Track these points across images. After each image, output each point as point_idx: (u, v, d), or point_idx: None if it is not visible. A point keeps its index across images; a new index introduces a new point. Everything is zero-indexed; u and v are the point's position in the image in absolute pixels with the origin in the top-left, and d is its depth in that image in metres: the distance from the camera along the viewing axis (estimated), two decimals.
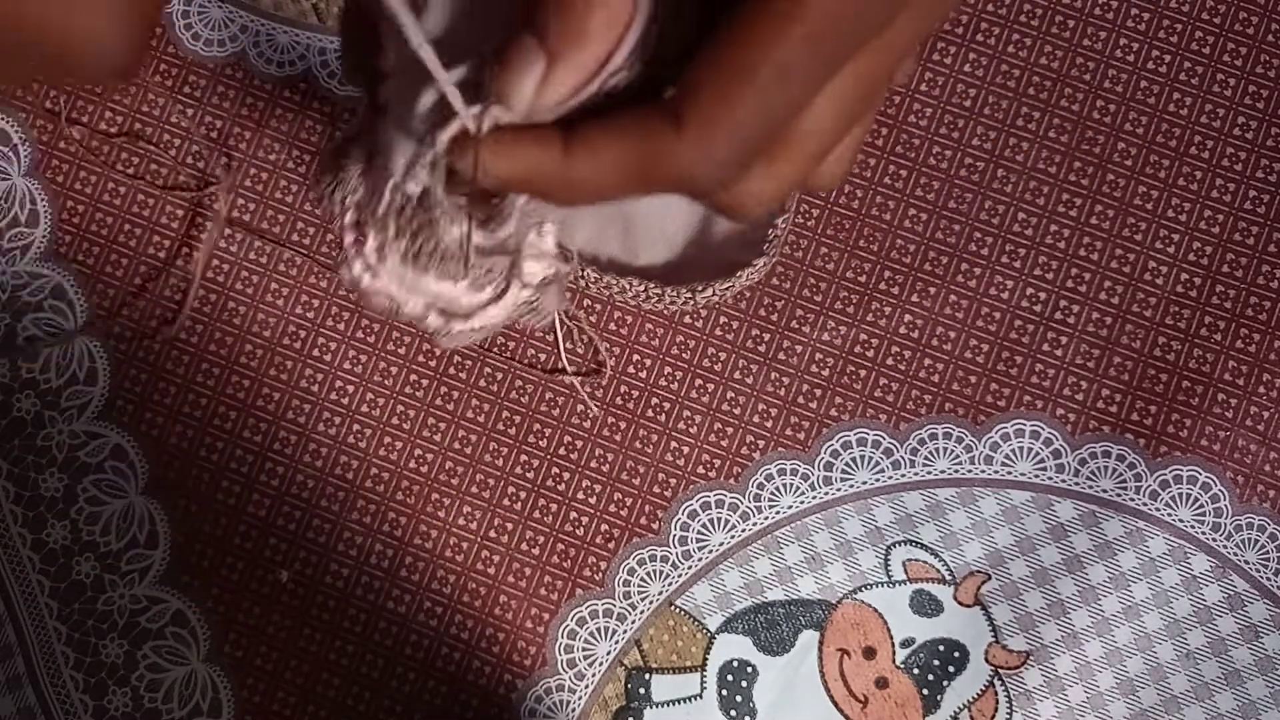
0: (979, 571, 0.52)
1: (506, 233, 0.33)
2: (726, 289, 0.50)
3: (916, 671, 0.52)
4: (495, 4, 0.29)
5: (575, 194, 0.28)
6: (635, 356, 0.53)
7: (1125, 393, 0.53)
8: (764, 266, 0.50)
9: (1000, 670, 0.52)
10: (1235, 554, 0.52)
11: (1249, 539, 0.52)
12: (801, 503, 0.52)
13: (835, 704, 0.52)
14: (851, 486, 0.52)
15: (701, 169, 0.26)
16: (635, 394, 0.53)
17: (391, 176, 0.30)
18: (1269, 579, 0.52)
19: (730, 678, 0.52)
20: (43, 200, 0.54)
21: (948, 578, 0.52)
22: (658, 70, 0.28)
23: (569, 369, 0.53)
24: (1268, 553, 0.52)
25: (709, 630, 0.52)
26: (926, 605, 0.52)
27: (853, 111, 0.28)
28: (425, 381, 0.53)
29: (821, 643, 0.52)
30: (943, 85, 0.54)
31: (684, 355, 0.53)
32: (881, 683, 0.52)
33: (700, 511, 0.52)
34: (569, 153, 0.27)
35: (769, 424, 0.53)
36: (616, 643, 0.52)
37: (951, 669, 0.52)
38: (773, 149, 0.28)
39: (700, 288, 0.50)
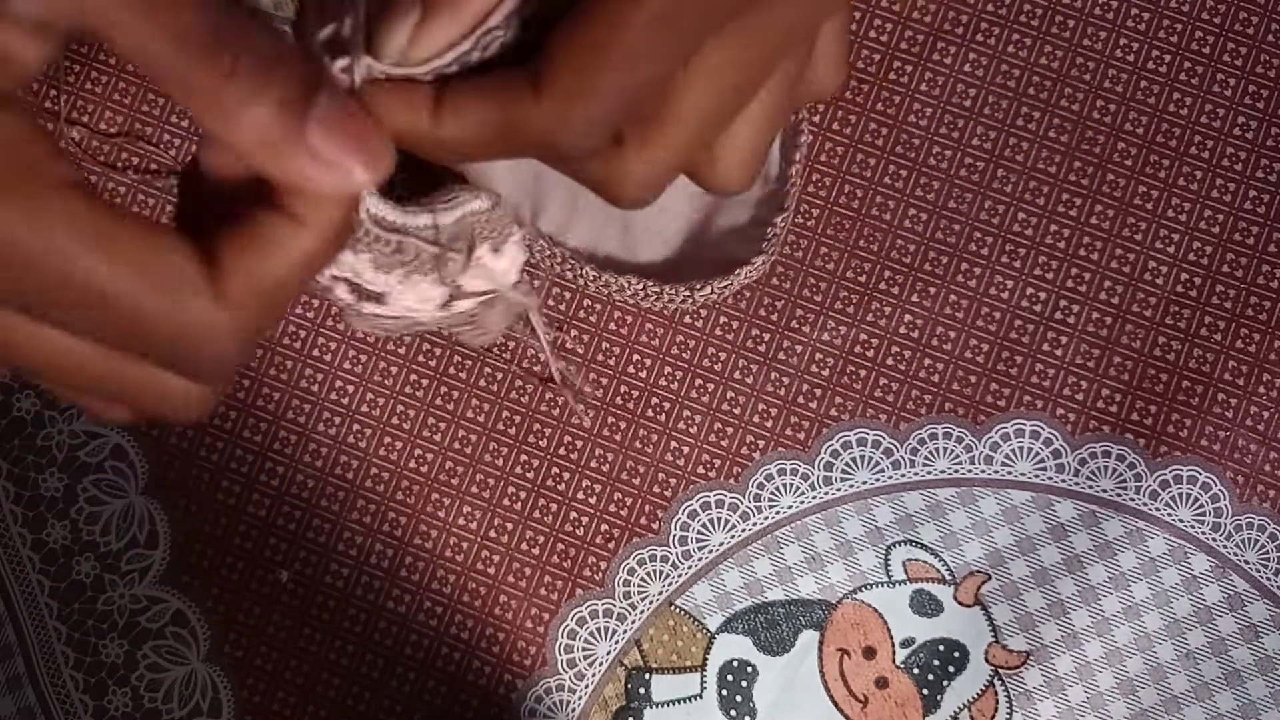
0: (979, 571, 0.52)
1: (425, 222, 0.33)
2: (725, 287, 0.50)
3: (916, 671, 0.52)
4: None
5: (444, 153, 0.28)
6: (635, 356, 0.53)
7: (1125, 393, 0.53)
8: (763, 265, 0.50)
9: (1000, 670, 0.52)
10: (1235, 554, 0.52)
11: (1249, 539, 0.52)
12: (801, 503, 0.52)
13: (835, 704, 0.52)
14: (851, 486, 0.52)
15: (561, 136, 0.27)
16: (635, 394, 0.53)
17: None
18: (1269, 579, 0.52)
19: (730, 678, 0.52)
20: None
21: (948, 578, 0.52)
22: (536, 34, 0.28)
23: (557, 379, 0.53)
24: (1268, 553, 0.52)
25: (709, 630, 0.52)
26: (926, 605, 0.52)
27: (729, 100, 0.29)
28: (425, 381, 0.53)
29: (821, 643, 0.52)
30: (943, 85, 0.54)
31: (684, 355, 0.53)
32: (881, 682, 0.52)
33: (700, 511, 0.52)
34: (438, 111, 0.27)
35: (769, 424, 0.53)
36: (616, 643, 0.52)
37: (951, 669, 0.52)
38: (644, 130, 0.28)
39: (699, 286, 0.50)
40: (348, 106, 0.25)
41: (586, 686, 0.52)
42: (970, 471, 0.52)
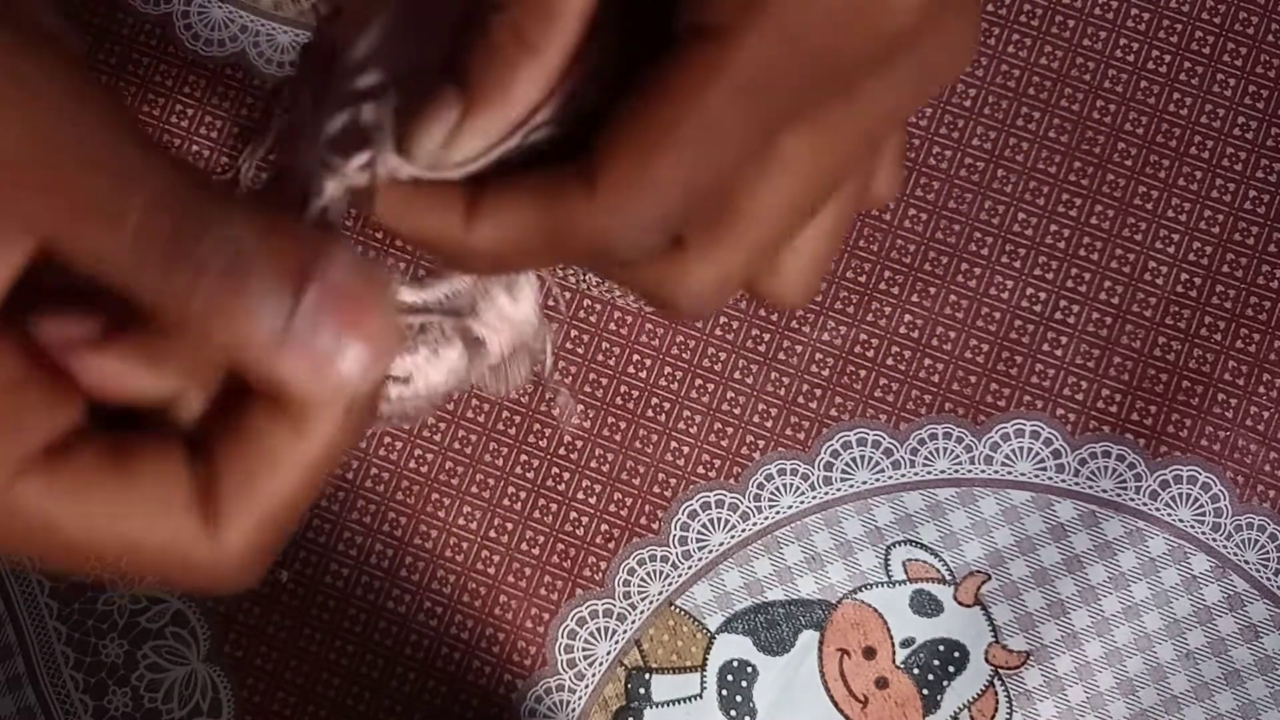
0: (979, 571, 0.52)
1: (443, 292, 0.30)
2: None
3: (916, 671, 0.52)
4: (433, 24, 0.25)
5: (479, 263, 0.25)
6: (635, 356, 0.53)
7: (1125, 393, 0.53)
8: None
9: (1000, 670, 0.52)
10: (1235, 554, 0.52)
11: (1249, 539, 0.52)
12: (801, 503, 0.52)
13: (835, 704, 0.52)
14: (851, 486, 0.52)
15: (618, 236, 0.23)
16: (635, 394, 0.53)
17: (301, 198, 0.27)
18: (1269, 579, 0.52)
19: (730, 678, 0.52)
20: None
21: (948, 578, 0.52)
22: (583, 128, 0.24)
23: (550, 395, 0.53)
24: (1268, 553, 0.52)
25: (709, 630, 0.52)
26: (926, 605, 0.52)
27: (804, 201, 0.25)
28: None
29: (821, 643, 0.52)
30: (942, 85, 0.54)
31: (684, 355, 0.53)
32: (881, 683, 0.52)
33: (700, 511, 0.53)
34: (472, 215, 0.24)
35: (769, 424, 0.53)
36: (616, 643, 0.52)
37: (951, 669, 0.52)
38: (709, 230, 0.25)
39: None
40: (347, 286, 0.22)
41: (586, 686, 0.52)
42: (970, 471, 0.52)
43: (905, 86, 0.25)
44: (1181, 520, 0.52)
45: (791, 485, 0.53)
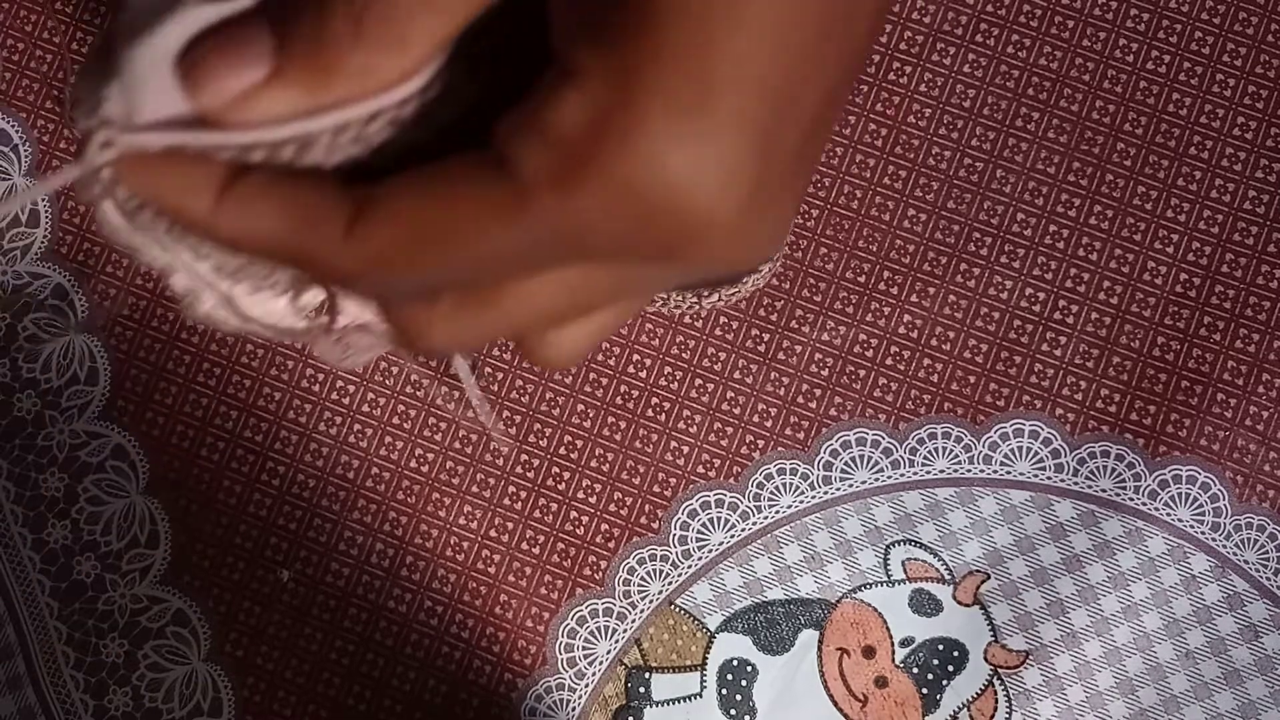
0: (978, 571, 0.52)
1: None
2: (732, 294, 0.50)
3: (916, 670, 0.52)
4: None
5: (216, 239, 0.24)
6: (635, 356, 0.53)
7: (1124, 393, 0.53)
8: (769, 272, 0.50)
9: (999, 669, 0.52)
10: (1235, 554, 0.52)
11: (1248, 539, 0.52)
12: (801, 502, 0.53)
13: (835, 703, 0.52)
14: (851, 486, 0.53)
15: (360, 288, 0.23)
16: (635, 394, 0.53)
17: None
18: (1268, 579, 0.52)
19: (730, 677, 0.52)
20: (43, 200, 0.54)
21: (947, 577, 0.52)
22: (405, 155, 0.23)
23: (476, 409, 0.53)
24: (1267, 553, 0.52)
25: (709, 629, 0.52)
26: (926, 604, 0.52)
27: (565, 311, 0.25)
28: (425, 382, 0.53)
29: (821, 642, 0.52)
30: (942, 85, 0.54)
31: (684, 355, 0.53)
32: (881, 682, 0.52)
33: (700, 511, 0.53)
34: (223, 198, 0.23)
35: (769, 424, 0.53)
36: (616, 642, 0.52)
37: (951, 668, 0.52)
38: (465, 301, 0.24)
39: (706, 293, 0.50)
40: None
41: (587, 685, 0.52)
42: (969, 471, 0.53)
43: (697, 272, 0.24)
44: (1181, 520, 0.52)
45: (791, 485, 0.53)
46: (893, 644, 0.52)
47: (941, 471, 0.53)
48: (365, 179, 0.23)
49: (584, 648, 0.52)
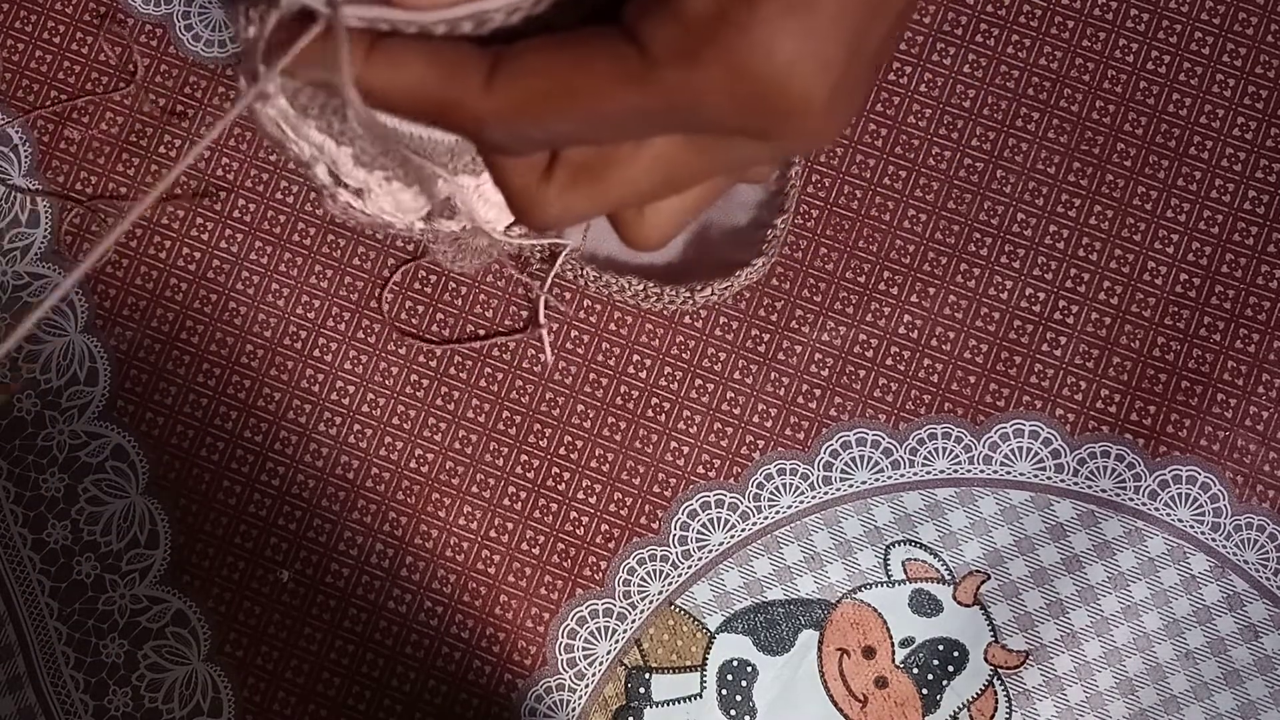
0: (978, 571, 0.52)
1: (419, 133, 0.31)
2: (725, 289, 0.50)
3: (916, 671, 0.52)
4: None
5: (369, 91, 0.27)
6: (635, 356, 0.53)
7: (1124, 393, 0.53)
8: (763, 267, 0.50)
9: (1000, 670, 0.52)
10: (1235, 554, 0.52)
11: (1248, 539, 0.52)
12: (801, 502, 0.53)
13: (835, 703, 0.52)
14: (851, 486, 0.53)
15: (492, 135, 0.27)
16: (635, 394, 0.53)
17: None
18: (1268, 579, 0.52)
19: (730, 677, 0.52)
20: (43, 200, 0.54)
21: (947, 577, 0.52)
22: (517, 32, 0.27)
23: (542, 320, 0.53)
24: (1267, 553, 0.52)
25: (709, 630, 0.52)
26: (926, 605, 0.52)
27: (664, 186, 0.29)
28: (426, 382, 0.53)
29: (821, 642, 0.52)
30: (942, 86, 0.54)
31: (684, 355, 0.53)
32: (881, 682, 0.52)
33: (700, 511, 0.53)
34: (372, 55, 0.26)
35: (769, 424, 0.53)
36: (616, 642, 0.52)
37: (951, 668, 0.52)
38: (575, 174, 0.28)
39: (699, 287, 0.50)
40: None
41: (587, 686, 0.52)
42: (969, 471, 0.53)
43: (781, 150, 0.28)
44: (1181, 520, 0.52)
45: (791, 485, 0.53)
46: (893, 644, 0.52)
47: (941, 472, 0.53)
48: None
49: (584, 648, 0.52)
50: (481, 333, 0.53)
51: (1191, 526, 0.52)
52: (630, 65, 0.25)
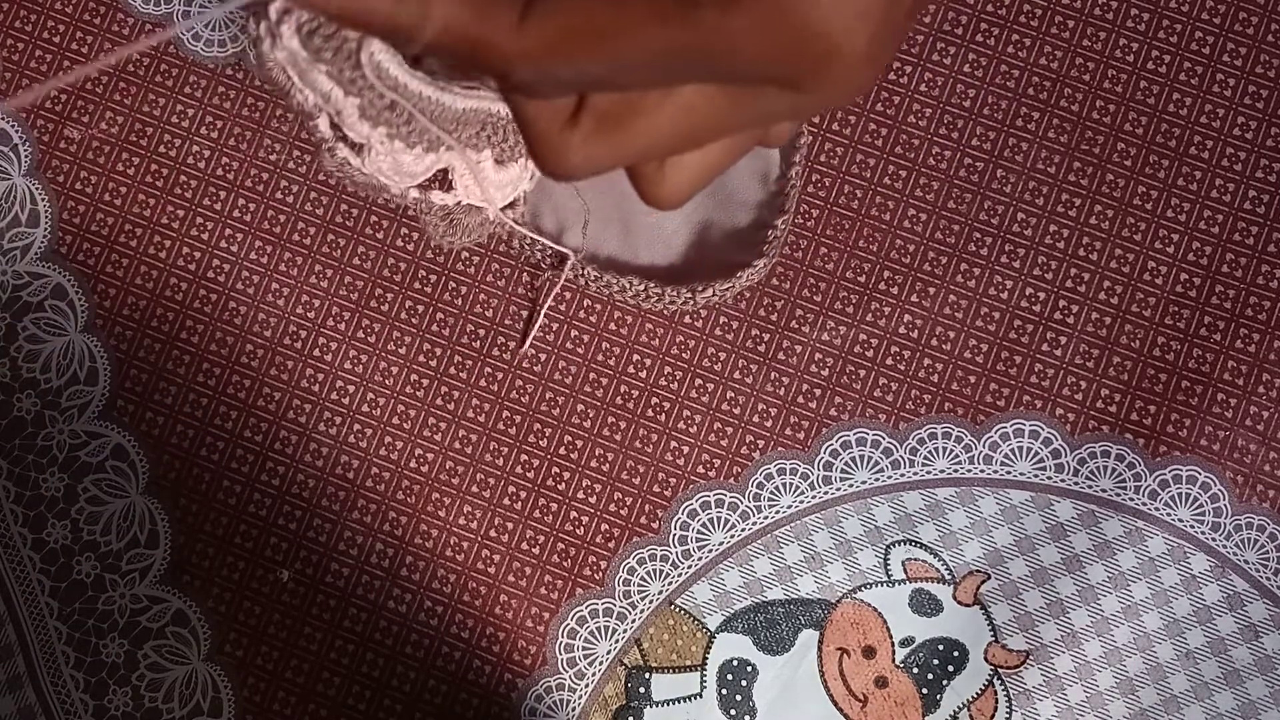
0: (978, 571, 0.52)
1: (429, 94, 0.30)
2: (726, 289, 0.50)
3: (916, 671, 0.52)
4: None
5: (391, 28, 0.27)
6: (635, 356, 0.53)
7: (1125, 393, 0.53)
8: (763, 267, 0.50)
9: (1000, 669, 0.52)
10: (1235, 554, 0.52)
11: (1248, 539, 0.52)
12: (801, 502, 0.53)
13: (835, 703, 0.52)
14: (851, 486, 0.53)
15: (520, 73, 0.26)
16: (635, 394, 0.53)
17: None
18: (1269, 579, 0.52)
19: (730, 677, 0.52)
20: (43, 200, 0.54)
21: (947, 577, 0.52)
22: None
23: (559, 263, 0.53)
24: (1267, 553, 0.52)
25: (709, 629, 0.52)
26: (926, 604, 0.52)
27: (689, 137, 0.29)
28: (426, 381, 0.53)
29: (821, 642, 0.52)
30: (942, 85, 0.54)
31: (684, 355, 0.53)
32: (881, 682, 0.52)
33: (700, 511, 0.53)
34: None
35: (769, 424, 0.53)
36: (616, 642, 0.52)
37: (951, 668, 0.52)
38: (601, 122, 0.28)
39: (700, 288, 0.50)
40: None
41: (587, 686, 0.52)
42: (969, 471, 0.53)
43: (810, 104, 0.28)
44: (1181, 520, 0.52)
45: (791, 485, 0.53)
46: (893, 644, 0.52)
47: (941, 471, 0.53)
48: None
49: (584, 648, 0.52)
50: (482, 331, 0.53)
51: (1192, 526, 0.52)
52: (669, 5, 0.25)
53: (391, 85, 0.30)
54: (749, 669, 0.52)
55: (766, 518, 0.53)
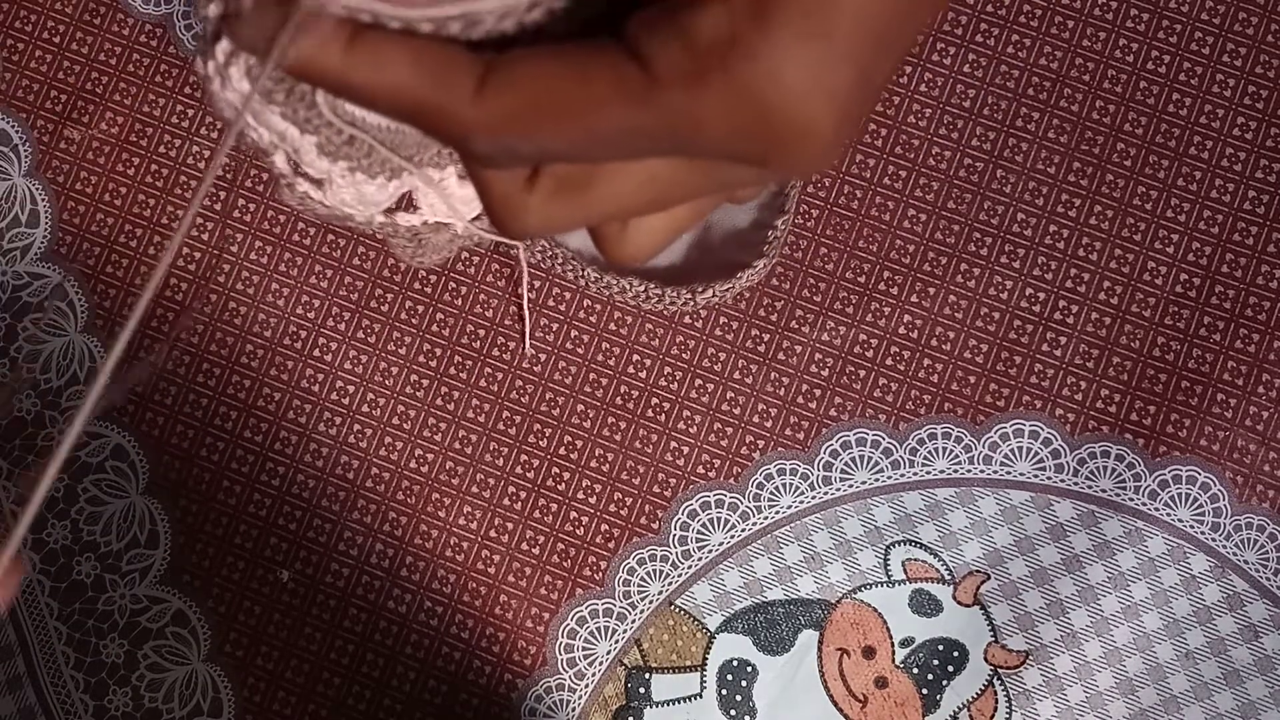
0: (978, 571, 0.52)
1: (386, 124, 0.30)
2: (727, 290, 0.50)
3: (916, 671, 0.52)
4: None
5: (348, 95, 0.26)
6: (635, 356, 0.53)
7: (1124, 393, 0.53)
8: (763, 268, 0.50)
9: (1000, 670, 0.52)
10: (1235, 554, 0.52)
11: (1248, 539, 0.52)
12: (801, 503, 0.53)
13: (835, 703, 0.52)
14: (851, 486, 0.53)
15: (477, 145, 0.25)
16: (635, 394, 0.53)
17: None
18: (1268, 579, 0.52)
19: (730, 677, 0.52)
20: (43, 200, 0.54)
21: (947, 577, 0.52)
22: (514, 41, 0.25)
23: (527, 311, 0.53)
24: (1267, 553, 0.52)
25: (709, 630, 0.52)
26: (926, 605, 0.52)
27: (650, 203, 0.28)
28: (426, 382, 0.53)
29: (821, 642, 0.52)
30: (942, 86, 0.54)
31: (684, 355, 0.53)
32: (881, 682, 0.52)
33: (700, 511, 0.53)
34: (354, 48, 0.25)
35: (769, 424, 0.53)
36: (616, 642, 0.52)
37: (951, 668, 0.52)
38: (560, 186, 0.27)
39: (700, 288, 0.50)
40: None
41: (586, 686, 0.52)
42: (969, 471, 0.53)
43: (776, 176, 0.27)
44: (1181, 520, 0.52)
45: (791, 485, 0.53)
46: (893, 644, 0.52)
47: (941, 472, 0.53)
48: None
49: (584, 648, 0.52)
50: (482, 332, 0.53)
51: (1191, 526, 0.52)
52: (631, 84, 0.24)
53: (349, 120, 0.29)
54: (749, 669, 0.52)
55: (766, 518, 0.53)
